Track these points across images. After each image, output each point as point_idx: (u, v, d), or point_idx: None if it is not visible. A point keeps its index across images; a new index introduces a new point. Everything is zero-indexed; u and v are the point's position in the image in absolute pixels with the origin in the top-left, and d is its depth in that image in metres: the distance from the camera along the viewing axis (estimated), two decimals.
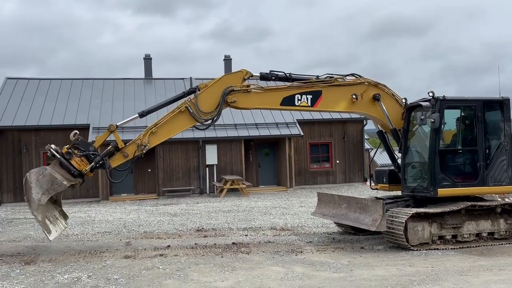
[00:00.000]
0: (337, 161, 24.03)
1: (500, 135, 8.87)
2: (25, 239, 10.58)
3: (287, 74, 9.27)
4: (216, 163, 21.81)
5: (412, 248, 8.22)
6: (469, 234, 8.60)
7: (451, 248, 8.38)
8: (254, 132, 22.31)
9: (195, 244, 9.36)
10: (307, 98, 9.01)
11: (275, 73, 9.24)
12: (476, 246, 8.53)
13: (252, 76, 9.04)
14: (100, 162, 8.48)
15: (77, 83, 24.63)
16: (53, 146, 8.55)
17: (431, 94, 8.84)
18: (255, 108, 9.33)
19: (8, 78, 24.14)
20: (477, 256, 7.91)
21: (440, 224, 8.42)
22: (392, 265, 7.32)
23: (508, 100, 8.97)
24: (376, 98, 9.18)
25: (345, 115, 23.91)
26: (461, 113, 9.05)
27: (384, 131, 9.72)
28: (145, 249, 8.93)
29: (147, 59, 26.66)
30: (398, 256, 7.93)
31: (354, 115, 23.95)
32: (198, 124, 8.79)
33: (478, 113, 8.79)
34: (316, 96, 9.05)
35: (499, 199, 9.44)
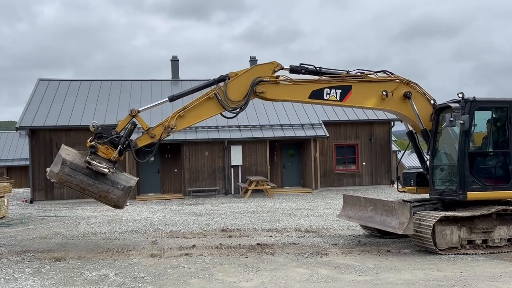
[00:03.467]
0: (364, 163, 23.74)
1: None
2: (55, 236, 10.87)
3: (317, 68, 9.23)
4: (241, 163, 21.89)
5: (440, 252, 8.04)
6: (501, 239, 8.36)
7: (481, 253, 8.16)
8: (279, 133, 22.28)
9: (220, 244, 9.41)
10: (336, 93, 8.94)
11: (305, 66, 9.22)
12: (507, 251, 8.28)
13: (282, 68, 9.08)
14: (126, 143, 8.54)
15: (106, 84, 25.17)
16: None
17: (460, 95, 8.63)
18: (283, 100, 9.28)
19: (40, 80, 24.89)
20: (509, 262, 7.67)
21: (469, 228, 8.21)
22: (419, 269, 7.19)
23: None
24: (407, 96, 9.03)
25: (372, 116, 23.63)
26: (492, 115, 8.81)
27: (414, 131, 9.54)
28: (170, 248, 9.05)
29: (174, 61, 27.00)
30: (426, 260, 7.78)
31: (381, 116, 23.66)
32: (225, 112, 8.87)
33: (510, 114, 8.54)
34: (345, 91, 8.96)
35: None
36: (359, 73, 9.10)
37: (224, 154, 21.79)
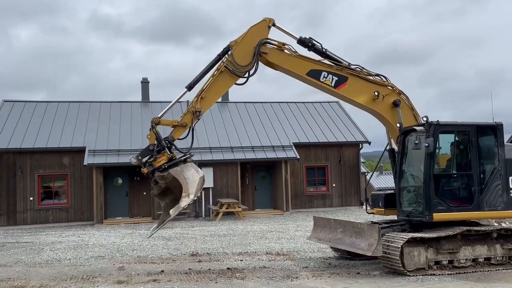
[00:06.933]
0: (334, 185, 23.99)
1: (494, 160, 8.89)
2: (16, 264, 10.42)
3: (324, 49, 9.49)
4: (212, 186, 21.72)
5: (408, 273, 8.13)
6: (466, 259, 8.53)
7: (448, 274, 8.30)
8: (250, 155, 22.32)
9: (189, 269, 9.24)
10: (332, 78, 9.25)
11: (314, 41, 9.49)
12: (472, 271, 8.45)
13: (274, 23, 9.26)
14: (167, 141, 8.66)
15: (74, 106, 24.69)
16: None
17: (425, 118, 8.90)
18: (282, 67, 9.32)
19: (4, 101, 24.19)
20: (474, 282, 7.83)
21: (436, 249, 8.36)
22: None
23: (501, 125, 9.03)
24: (396, 104, 9.34)
25: (341, 138, 24.03)
26: (455, 138, 9.10)
27: (395, 149, 9.72)
28: (138, 274, 8.81)
29: (145, 83, 26.84)
30: (394, 282, 7.84)
31: (350, 138, 24.09)
32: (239, 80, 9.02)
33: (472, 137, 8.84)
34: (341, 80, 9.27)
35: (495, 224, 9.41)
36: (358, 69, 9.42)
37: None
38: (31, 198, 20.81)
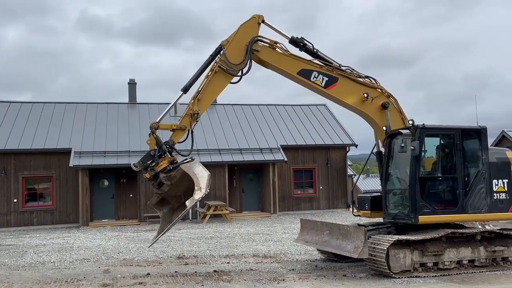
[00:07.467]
0: (321, 187, 24.08)
1: (478, 163, 9.01)
2: None
3: (315, 49, 9.54)
4: None
5: (394, 275, 8.19)
6: (450, 261, 8.62)
7: (433, 276, 8.38)
8: (238, 157, 22.29)
9: (176, 272, 9.18)
10: (322, 79, 9.32)
11: (305, 41, 9.55)
12: (457, 273, 8.55)
13: (263, 20, 9.27)
14: (167, 146, 8.66)
15: (60, 107, 24.41)
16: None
17: (411, 122, 8.98)
18: (273, 65, 9.35)
19: None
20: (458, 284, 7.91)
21: (421, 252, 8.43)
22: None
23: (485, 129, 9.16)
24: (384, 107, 9.42)
25: (328, 141, 24.15)
26: (440, 141, 9.21)
27: (383, 152, 9.77)
28: (124, 277, 8.73)
29: (132, 84, 26.64)
30: (380, 284, 7.89)
31: (337, 141, 24.22)
32: (233, 78, 9.04)
33: (456, 141, 8.94)
34: (331, 81, 9.35)
35: (479, 227, 9.53)
36: (348, 70, 9.50)
37: None
38: (15, 200, 20.50)
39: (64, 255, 11.77)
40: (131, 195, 22.01)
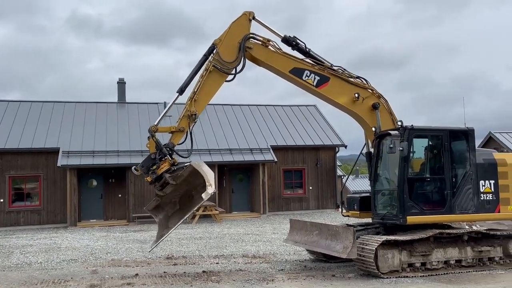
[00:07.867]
0: (310, 188, 24.14)
1: (466, 164, 9.09)
2: None
3: (308, 49, 9.56)
4: None
5: (382, 275, 8.24)
6: (438, 261, 8.70)
7: (420, 276, 8.44)
8: (228, 158, 22.26)
9: (164, 272, 9.13)
10: (314, 78, 9.35)
11: (298, 40, 9.57)
12: (444, 273, 8.62)
13: (255, 17, 9.26)
14: (168, 148, 8.63)
15: (48, 106, 24.15)
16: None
17: (399, 123, 9.04)
18: (266, 63, 9.35)
19: None
20: (445, 284, 7.99)
21: (409, 252, 8.50)
22: None
23: (472, 130, 9.25)
24: (375, 107, 9.46)
25: (318, 142, 24.23)
26: (428, 142, 9.29)
27: (372, 152, 9.78)
28: (112, 277, 8.66)
29: (121, 83, 26.44)
30: (369, 284, 7.93)
31: (326, 142, 24.31)
32: (228, 76, 9.03)
33: (444, 142, 9.02)
34: (323, 80, 9.38)
35: (466, 227, 9.62)
36: (340, 70, 9.53)
37: None
38: (1, 200, 20.25)
39: (51, 256, 11.65)
40: (119, 195, 21.85)
